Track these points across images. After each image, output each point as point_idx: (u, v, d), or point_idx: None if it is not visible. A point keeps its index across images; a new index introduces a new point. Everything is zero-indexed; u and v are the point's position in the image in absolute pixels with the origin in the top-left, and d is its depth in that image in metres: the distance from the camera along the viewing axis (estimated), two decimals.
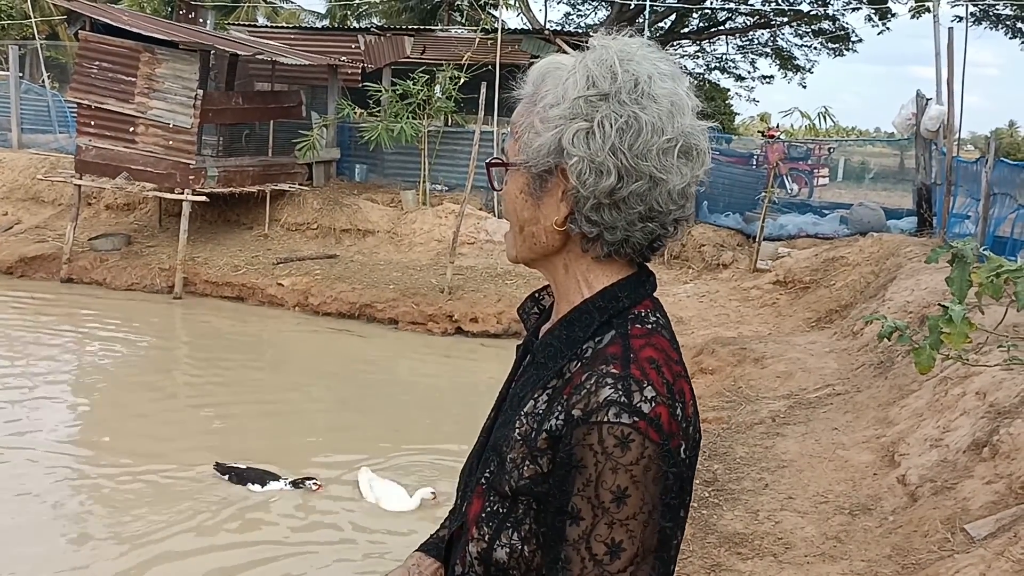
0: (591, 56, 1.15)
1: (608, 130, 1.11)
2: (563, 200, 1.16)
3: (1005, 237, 9.20)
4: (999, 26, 20.13)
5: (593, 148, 1.11)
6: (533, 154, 1.15)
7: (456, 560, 1.18)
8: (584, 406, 1.07)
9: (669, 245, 1.27)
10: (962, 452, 4.76)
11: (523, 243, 1.22)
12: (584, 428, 1.06)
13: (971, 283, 3.07)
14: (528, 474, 1.11)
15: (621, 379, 1.07)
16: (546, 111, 1.14)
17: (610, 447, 1.04)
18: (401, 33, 16.63)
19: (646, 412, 1.05)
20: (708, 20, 22.98)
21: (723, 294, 11.50)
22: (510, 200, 1.20)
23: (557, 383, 1.14)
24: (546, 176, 1.16)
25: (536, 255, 1.22)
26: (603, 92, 1.12)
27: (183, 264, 12.54)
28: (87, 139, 13.24)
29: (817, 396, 6.86)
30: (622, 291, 1.17)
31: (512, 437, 1.15)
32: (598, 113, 1.11)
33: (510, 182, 1.20)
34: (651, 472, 1.04)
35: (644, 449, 1.04)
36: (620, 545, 1.04)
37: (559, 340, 1.18)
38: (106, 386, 9.07)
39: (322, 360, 10.46)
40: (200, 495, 6.36)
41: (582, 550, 1.05)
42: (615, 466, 1.04)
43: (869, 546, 4.32)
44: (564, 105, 1.13)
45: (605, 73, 1.12)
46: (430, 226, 13.71)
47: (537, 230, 1.19)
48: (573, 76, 1.14)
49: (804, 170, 17.54)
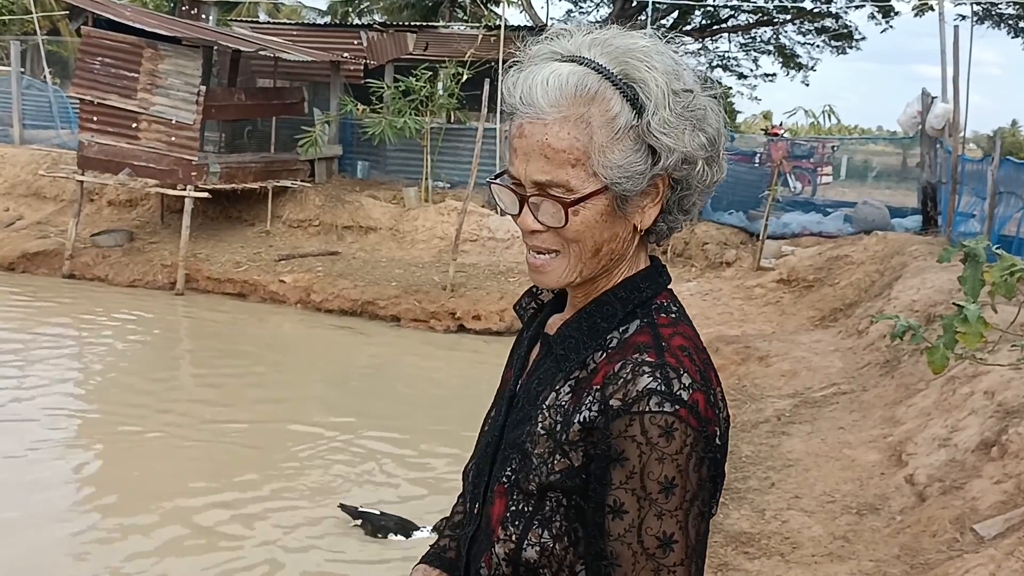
0: (633, 58, 1.10)
1: (712, 122, 1.12)
2: (654, 204, 1.14)
3: (1011, 236, 9.18)
4: (1001, 25, 20.09)
5: (708, 144, 1.12)
6: (628, 174, 1.09)
7: (481, 563, 1.15)
8: (623, 396, 1.05)
9: (671, 241, 1.26)
10: (971, 452, 4.73)
11: (596, 263, 1.14)
12: (625, 419, 1.04)
13: (983, 282, 3.05)
14: (559, 468, 1.09)
15: (659, 367, 1.06)
16: (637, 128, 1.08)
17: (654, 437, 1.03)
18: (403, 30, 16.59)
19: (685, 399, 1.05)
20: (711, 17, 22.92)
21: (727, 292, 11.47)
22: (584, 228, 1.11)
23: (581, 374, 1.13)
24: (640, 191, 1.12)
25: (604, 270, 1.16)
26: (687, 89, 1.11)
27: (185, 260, 12.52)
28: (89, 135, 13.22)
29: (823, 395, 6.83)
30: (643, 282, 1.17)
31: (535, 432, 1.13)
32: (696, 112, 1.11)
33: (584, 211, 1.10)
34: (693, 460, 1.04)
35: (687, 437, 1.03)
36: (672, 537, 1.03)
37: (580, 331, 1.16)
38: (103, 385, 9.05)
39: (323, 357, 10.43)
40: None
41: (633, 544, 1.03)
42: (661, 456, 1.03)
43: (877, 546, 4.30)
44: (664, 115, 1.08)
45: (671, 70, 1.11)
46: (432, 223, 13.69)
47: (617, 244, 1.14)
48: (656, 85, 1.09)
49: (807, 168, 17.52)
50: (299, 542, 5.78)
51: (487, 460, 1.22)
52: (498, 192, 1.17)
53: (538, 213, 1.12)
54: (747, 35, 23.65)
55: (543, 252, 1.15)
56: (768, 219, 12.23)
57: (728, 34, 23.61)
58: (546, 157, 1.09)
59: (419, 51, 15.91)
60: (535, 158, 1.10)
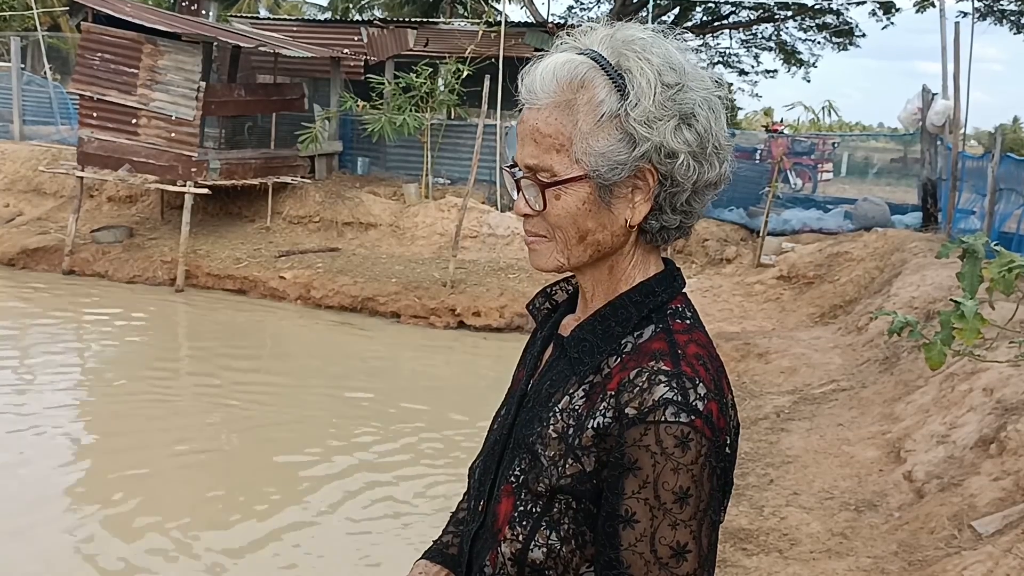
0: (629, 49, 1.10)
1: (701, 118, 1.10)
2: (644, 199, 1.12)
3: (1011, 232, 9.18)
4: (1003, 21, 20.04)
5: (693, 140, 1.10)
6: (610, 163, 1.09)
7: (485, 561, 1.14)
8: (639, 404, 1.04)
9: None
10: (969, 448, 4.73)
11: (583, 251, 1.14)
12: (640, 428, 1.03)
13: (981, 278, 3.04)
14: (570, 472, 1.08)
15: (675, 376, 1.05)
16: (620, 116, 1.08)
17: (670, 447, 1.02)
18: (404, 26, 16.57)
19: (701, 410, 1.04)
20: (712, 14, 22.90)
21: (727, 289, 11.47)
22: (567, 214, 1.12)
23: (595, 379, 1.12)
24: (622, 181, 1.11)
25: (594, 260, 1.16)
26: (678, 83, 1.09)
27: (185, 257, 12.52)
28: (89, 131, 13.21)
29: (822, 392, 6.83)
30: (658, 286, 1.16)
31: (546, 434, 1.12)
32: (685, 105, 1.09)
33: (566, 196, 1.11)
34: (707, 470, 1.03)
35: (701, 447, 1.03)
36: (685, 547, 1.02)
37: (594, 335, 1.15)
38: (104, 381, 9.06)
39: (322, 354, 10.43)
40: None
41: (646, 553, 1.02)
42: (676, 466, 1.02)
43: (875, 542, 4.30)
44: (646, 105, 1.08)
45: (667, 63, 1.10)
46: (432, 220, 13.68)
47: (604, 236, 1.13)
48: (642, 75, 1.08)
49: (808, 165, 17.51)
50: (299, 541, 5.78)
51: (494, 458, 1.22)
52: (506, 177, 1.19)
53: (527, 196, 1.14)
54: (748, 31, 23.63)
55: (533, 236, 1.16)
56: (768, 216, 12.22)
57: (729, 30, 23.60)
58: (535, 142, 1.11)
59: (420, 47, 15.89)
60: (527, 142, 1.12)
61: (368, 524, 6.06)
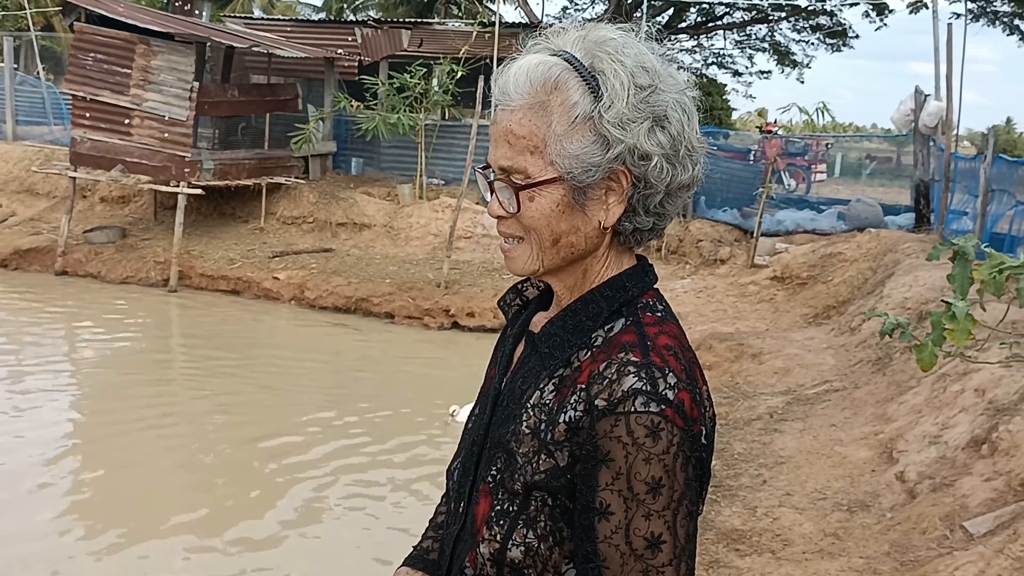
0: (603, 51, 1.10)
1: (674, 121, 1.11)
2: (618, 201, 1.12)
3: (1003, 233, 9.20)
4: (996, 22, 20.10)
5: (666, 143, 1.10)
6: (584, 165, 1.09)
7: (466, 562, 1.14)
8: (608, 396, 1.04)
9: (664, 239, 1.24)
10: (961, 449, 4.75)
11: (556, 255, 1.14)
12: (611, 419, 1.03)
13: (972, 280, 3.05)
14: (544, 468, 1.08)
15: (644, 367, 1.05)
16: (594, 119, 1.08)
17: (640, 437, 1.02)
18: (398, 26, 16.56)
19: (671, 399, 1.04)
20: (706, 15, 22.93)
21: (720, 289, 11.48)
22: (539, 216, 1.12)
23: (565, 372, 1.12)
24: (595, 183, 1.11)
25: (569, 262, 1.15)
26: (651, 84, 1.09)
27: (178, 257, 12.49)
28: (82, 131, 13.18)
29: (815, 392, 6.84)
30: (629, 281, 1.16)
31: (520, 431, 1.12)
32: (658, 107, 1.09)
33: (540, 199, 1.11)
34: (680, 460, 1.03)
35: (673, 436, 1.03)
36: (660, 538, 1.02)
37: (565, 329, 1.15)
38: (96, 383, 9.03)
39: (316, 355, 10.41)
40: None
41: (621, 545, 1.02)
42: (647, 456, 1.02)
43: (867, 543, 4.31)
44: (620, 108, 1.08)
45: (640, 64, 1.10)
46: (426, 220, 13.67)
47: (577, 238, 1.13)
48: (616, 76, 1.08)
49: (802, 165, 17.52)
50: (297, 540, 5.77)
51: (472, 459, 1.21)
52: (479, 179, 1.19)
53: (501, 198, 1.14)
54: (742, 32, 23.67)
55: (509, 238, 1.16)
56: (762, 216, 12.24)
57: (723, 31, 23.63)
58: (509, 143, 1.11)
59: (414, 48, 15.89)
60: (500, 144, 1.12)
61: (368, 524, 6.06)
